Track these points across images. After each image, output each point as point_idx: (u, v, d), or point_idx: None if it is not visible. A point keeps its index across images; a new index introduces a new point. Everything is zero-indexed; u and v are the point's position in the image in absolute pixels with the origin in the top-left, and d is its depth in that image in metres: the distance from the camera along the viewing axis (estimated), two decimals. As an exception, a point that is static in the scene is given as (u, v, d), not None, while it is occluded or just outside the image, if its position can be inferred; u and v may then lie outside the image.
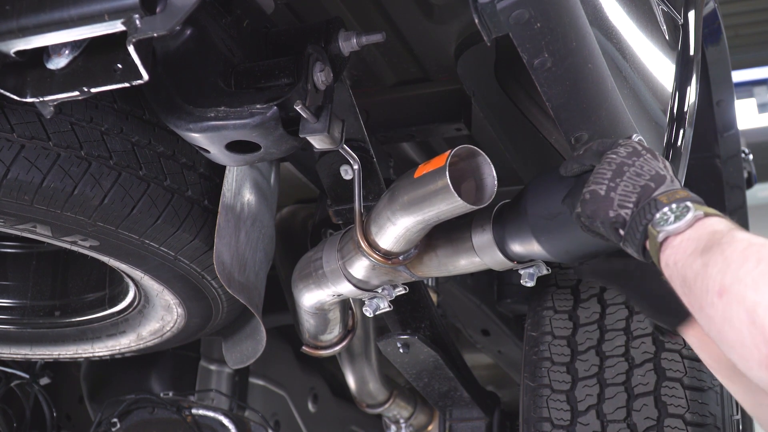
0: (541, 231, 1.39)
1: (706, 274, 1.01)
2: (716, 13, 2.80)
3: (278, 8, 1.57)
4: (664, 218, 1.12)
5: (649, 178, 1.18)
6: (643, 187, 1.17)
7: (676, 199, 1.13)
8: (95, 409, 2.93)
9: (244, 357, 2.08)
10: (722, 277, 0.99)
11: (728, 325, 0.97)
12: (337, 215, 1.77)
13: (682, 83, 1.81)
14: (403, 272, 1.63)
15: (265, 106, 1.38)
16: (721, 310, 0.98)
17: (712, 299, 0.99)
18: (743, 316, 0.95)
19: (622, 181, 1.19)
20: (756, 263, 0.96)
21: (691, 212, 1.10)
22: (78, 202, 1.53)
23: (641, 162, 1.21)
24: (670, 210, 1.12)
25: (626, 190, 1.18)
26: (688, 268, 1.05)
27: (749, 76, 9.56)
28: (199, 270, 1.77)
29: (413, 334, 2.14)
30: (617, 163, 1.21)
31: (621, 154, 1.22)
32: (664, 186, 1.17)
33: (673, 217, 1.11)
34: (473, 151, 1.41)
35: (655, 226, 1.12)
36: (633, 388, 1.95)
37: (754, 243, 1.00)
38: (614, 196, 1.18)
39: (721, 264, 1.00)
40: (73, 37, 1.19)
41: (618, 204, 1.18)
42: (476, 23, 1.20)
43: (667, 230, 1.11)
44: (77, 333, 2.27)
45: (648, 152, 1.23)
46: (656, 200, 1.14)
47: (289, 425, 3.47)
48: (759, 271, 0.95)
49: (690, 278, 1.05)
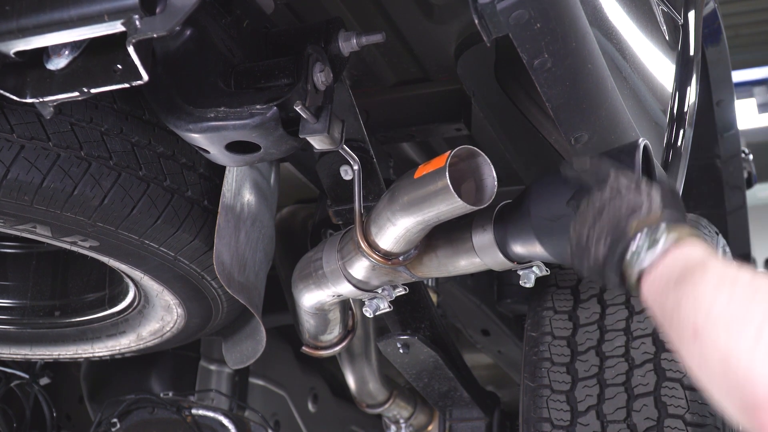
0: (543, 232, 1.39)
1: (680, 314, 0.98)
2: (716, 13, 2.80)
3: (278, 8, 1.57)
4: (636, 252, 1.09)
5: (626, 210, 1.15)
6: (617, 222, 1.14)
7: (647, 225, 1.10)
8: (95, 409, 2.93)
9: (244, 357, 2.08)
10: (695, 317, 0.95)
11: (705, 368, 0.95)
12: (337, 215, 1.77)
13: (682, 83, 1.81)
14: (403, 273, 1.63)
15: (265, 107, 1.38)
16: (698, 353, 0.95)
17: (688, 340, 0.96)
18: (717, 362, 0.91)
19: (599, 223, 1.16)
20: (727, 302, 0.93)
21: (660, 243, 1.07)
22: (78, 203, 1.53)
23: (620, 200, 1.17)
24: (639, 242, 1.09)
25: (601, 232, 1.15)
26: (664, 304, 1.03)
27: (749, 76, 9.56)
28: (199, 270, 1.77)
29: (413, 335, 2.14)
30: (597, 206, 1.18)
31: (605, 195, 1.19)
32: (639, 214, 1.13)
33: (644, 250, 1.08)
34: (473, 152, 1.41)
35: (628, 264, 1.10)
36: (633, 388, 1.95)
37: (726, 277, 0.97)
38: (592, 241, 1.16)
39: (693, 302, 0.97)
40: (72, 38, 1.19)
41: (595, 248, 1.16)
42: (476, 23, 1.20)
43: (640, 266, 1.08)
44: (77, 333, 2.27)
45: (633, 186, 1.19)
46: (627, 231, 1.11)
47: (289, 425, 3.47)
48: (730, 313, 0.92)
49: (667, 316, 1.02)
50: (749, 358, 0.88)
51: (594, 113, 1.39)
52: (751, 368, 0.87)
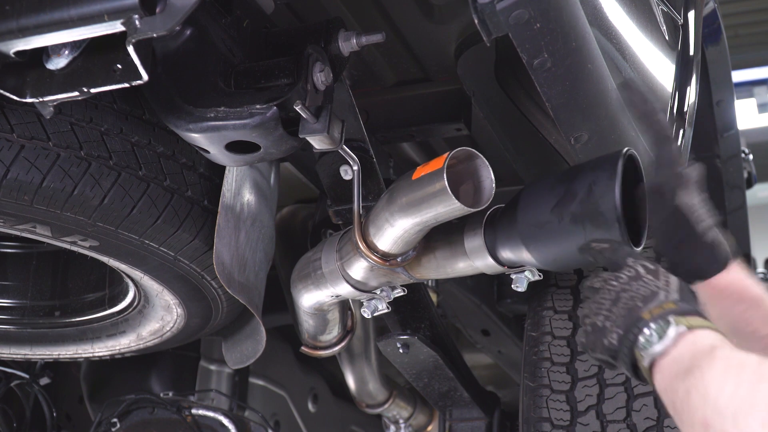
0: (530, 239, 1.39)
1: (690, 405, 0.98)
2: (716, 13, 2.81)
3: (278, 8, 1.57)
4: (649, 339, 1.08)
5: (640, 299, 1.14)
6: (630, 310, 1.13)
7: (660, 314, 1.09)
8: (95, 409, 2.93)
9: (244, 357, 2.08)
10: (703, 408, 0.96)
11: None
12: (337, 215, 1.77)
13: (682, 83, 1.81)
14: (401, 274, 1.63)
15: (265, 107, 1.38)
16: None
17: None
18: None
19: (617, 308, 1.15)
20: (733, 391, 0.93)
21: (672, 328, 1.07)
22: (78, 203, 1.53)
23: (638, 285, 1.16)
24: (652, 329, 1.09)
25: (617, 316, 1.14)
26: (675, 394, 1.03)
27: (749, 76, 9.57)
28: (199, 270, 1.77)
29: (413, 335, 2.14)
30: (616, 290, 1.17)
31: (622, 279, 1.18)
32: (653, 302, 1.12)
33: (656, 337, 1.08)
34: (471, 154, 1.41)
35: (640, 350, 1.09)
36: (633, 388, 1.95)
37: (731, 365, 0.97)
38: (608, 324, 1.15)
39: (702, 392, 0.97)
40: (72, 38, 1.19)
41: (609, 332, 1.14)
42: (476, 23, 1.20)
43: (652, 353, 1.08)
44: (77, 333, 2.27)
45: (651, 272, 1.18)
46: (640, 319, 1.10)
47: (289, 425, 3.47)
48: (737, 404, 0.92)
49: (678, 408, 1.02)
50: None
51: (594, 113, 1.39)
52: None
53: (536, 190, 1.39)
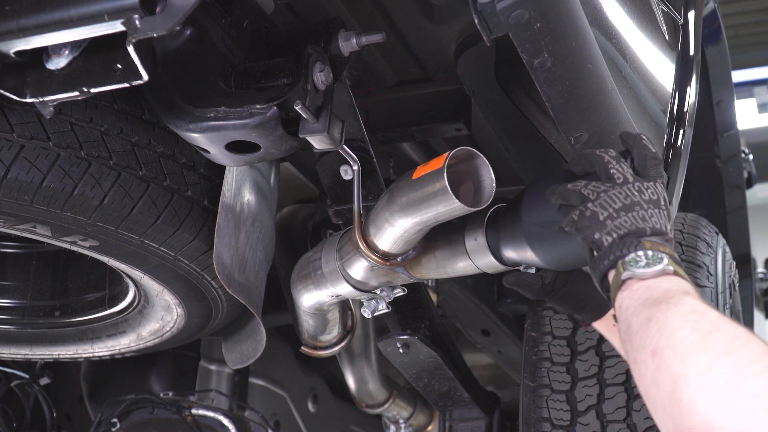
0: (535, 238, 1.38)
1: (647, 330, 1.03)
2: (716, 13, 2.81)
3: (278, 8, 1.57)
4: (636, 260, 1.12)
5: (651, 227, 1.17)
6: (638, 229, 1.17)
7: (658, 250, 1.13)
8: (95, 409, 2.93)
9: (244, 357, 2.08)
10: (658, 337, 1.00)
11: (654, 388, 0.99)
12: (337, 215, 1.77)
13: (682, 83, 1.81)
14: (401, 274, 1.63)
15: (265, 107, 1.38)
16: (651, 372, 1.00)
17: (646, 357, 1.01)
18: (668, 384, 0.96)
19: (626, 216, 1.18)
20: (690, 331, 0.98)
21: (661, 264, 1.11)
22: (78, 202, 1.53)
23: (654, 212, 1.19)
24: (645, 255, 1.12)
25: (623, 224, 1.18)
26: (635, 318, 1.07)
27: (749, 76, 9.58)
28: (199, 270, 1.77)
29: (413, 335, 2.14)
30: (634, 200, 1.20)
31: (644, 196, 1.21)
32: (657, 238, 1.16)
33: (644, 262, 1.12)
34: (472, 153, 1.40)
35: (625, 264, 1.13)
36: (633, 388, 1.95)
37: (696, 310, 1.01)
38: (609, 223, 1.18)
39: (661, 323, 1.01)
40: (72, 38, 1.19)
41: (607, 231, 1.18)
42: (476, 23, 1.20)
43: (633, 272, 1.11)
44: (77, 333, 2.27)
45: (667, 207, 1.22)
46: (640, 242, 1.14)
47: (289, 425, 3.47)
48: (690, 341, 0.97)
49: (633, 329, 1.06)
50: (696, 387, 0.92)
51: (594, 113, 1.39)
52: (695, 397, 0.92)
53: (541, 189, 1.37)
